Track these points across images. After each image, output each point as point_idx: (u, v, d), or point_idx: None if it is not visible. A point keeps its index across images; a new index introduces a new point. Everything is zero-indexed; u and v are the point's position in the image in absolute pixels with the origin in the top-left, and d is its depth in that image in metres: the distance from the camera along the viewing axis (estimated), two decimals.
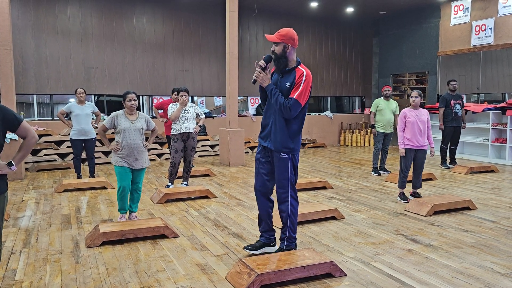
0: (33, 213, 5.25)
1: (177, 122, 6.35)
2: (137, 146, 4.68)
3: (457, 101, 8.38)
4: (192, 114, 6.46)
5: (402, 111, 5.78)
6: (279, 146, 3.60)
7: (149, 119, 4.91)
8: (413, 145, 5.65)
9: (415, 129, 5.62)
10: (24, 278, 3.35)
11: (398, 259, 3.73)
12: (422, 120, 5.65)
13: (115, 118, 4.70)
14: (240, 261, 3.30)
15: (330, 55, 13.37)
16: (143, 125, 4.77)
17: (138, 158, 4.70)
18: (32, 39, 9.39)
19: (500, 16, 9.90)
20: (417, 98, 5.67)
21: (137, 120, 4.75)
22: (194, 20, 11.11)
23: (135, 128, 4.69)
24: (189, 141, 6.45)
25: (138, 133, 4.70)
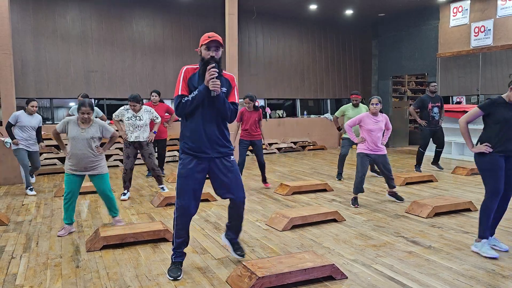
0: (33, 217, 5.25)
1: (127, 129, 6.08)
2: (85, 156, 4.45)
3: (435, 104, 8.03)
4: (145, 121, 6.14)
5: (362, 115, 5.69)
6: (227, 150, 3.45)
7: (105, 126, 4.62)
8: (370, 151, 5.62)
9: (372, 136, 5.57)
10: (24, 283, 3.34)
11: (399, 261, 3.72)
12: (380, 127, 5.62)
13: (66, 124, 4.48)
14: (240, 264, 3.30)
15: (329, 58, 13.39)
16: (94, 134, 4.50)
17: (88, 168, 4.50)
18: (32, 43, 9.40)
19: (499, 18, 9.91)
20: (377, 105, 5.58)
21: (89, 129, 4.48)
22: (193, 23, 11.13)
23: (84, 137, 4.44)
24: (143, 149, 6.17)
25: (86, 142, 4.45)
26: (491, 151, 3.79)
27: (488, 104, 3.83)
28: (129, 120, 6.09)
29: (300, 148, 12.24)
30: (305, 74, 12.96)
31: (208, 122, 3.32)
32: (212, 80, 3.18)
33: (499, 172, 3.79)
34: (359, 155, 5.69)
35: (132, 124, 6.08)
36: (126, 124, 6.11)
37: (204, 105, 3.28)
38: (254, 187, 7.06)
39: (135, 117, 6.10)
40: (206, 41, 3.28)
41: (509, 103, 3.79)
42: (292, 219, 4.67)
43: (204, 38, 3.32)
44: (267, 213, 5.38)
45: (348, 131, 5.79)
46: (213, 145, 3.36)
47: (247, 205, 5.79)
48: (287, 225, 4.63)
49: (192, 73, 3.34)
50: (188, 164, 3.35)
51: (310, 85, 13.06)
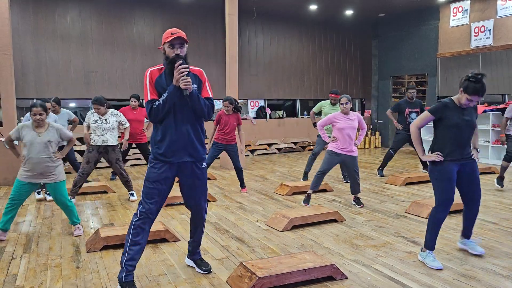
0: (33, 218, 5.25)
1: (93, 132, 5.85)
2: (42, 161, 4.27)
3: (413, 109, 7.87)
4: (112, 124, 5.92)
5: (333, 114, 5.56)
6: (203, 154, 3.30)
7: (62, 130, 4.45)
8: (340, 150, 5.46)
9: (344, 134, 5.40)
10: (24, 283, 3.34)
11: (399, 261, 3.72)
12: (353, 125, 5.44)
13: (20, 129, 4.31)
14: (241, 265, 3.29)
15: (329, 58, 13.39)
16: (51, 138, 4.33)
17: (44, 174, 4.32)
18: (32, 43, 9.40)
19: (499, 18, 9.91)
20: (347, 104, 5.42)
21: (45, 133, 4.31)
22: (193, 23, 11.13)
23: (41, 141, 4.26)
24: (109, 154, 5.93)
25: (44, 146, 4.27)
26: (444, 160, 3.56)
27: (439, 108, 3.57)
28: (95, 123, 5.85)
29: (300, 149, 12.24)
30: (305, 74, 12.96)
31: (181, 124, 3.12)
32: (182, 78, 2.99)
33: (450, 182, 3.59)
34: (328, 152, 5.54)
35: (99, 127, 5.83)
36: (93, 128, 5.87)
37: (175, 106, 3.09)
38: (254, 187, 7.06)
39: (101, 120, 5.88)
40: (170, 39, 3.07)
41: (460, 107, 3.56)
42: (292, 219, 4.67)
43: (166, 36, 3.10)
44: (267, 213, 5.38)
45: (320, 130, 5.66)
46: (186, 148, 3.17)
47: (248, 205, 5.80)
48: (287, 225, 4.63)
49: (157, 74, 3.12)
50: (158, 169, 3.14)
51: (310, 85, 13.06)
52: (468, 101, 3.50)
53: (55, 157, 4.39)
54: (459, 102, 3.56)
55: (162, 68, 3.16)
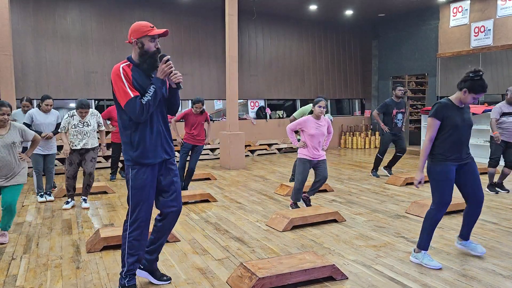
0: (33, 219, 5.25)
1: (74, 137, 5.51)
2: (7, 163, 4.13)
3: (400, 109, 7.61)
4: (93, 126, 5.63)
5: (304, 118, 5.29)
6: (173, 150, 3.21)
7: (25, 129, 4.34)
8: (311, 157, 5.25)
9: (313, 141, 5.21)
10: (25, 284, 3.34)
11: (400, 261, 3.72)
12: (322, 132, 5.25)
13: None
14: (241, 265, 3.29)
15: (329, 58, 13.39)
16: (15, 139, 4.21)
17: (8, 176, 4.19)
18: (32, 44, 9.40)
19: (499, 18, 9.91)
20: (324, 109, 5.19)
21: (8, 134, 4.18)
22: (193, 24, 11.13)
23: (4, 143, 4.13)
24: (88, 153, 5.62)
25: (7, 148, 4.15)
26: (444, 160, 3.56)
27: (439, 110, 3.52)
28: (76, 128, 5.52)
29: None
30: (305, 74, 12.96)
31: (156, 122, 3.00)
32: (173, 73, 2.93)
33: (449, 183, 3.58)
34: (300, 161, 5.29)
35: (80, 131, 5.52)
36: (73, 132, 5.52)
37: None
38: (254, 187, 7.06)
39: (83, 123, 5.56)
40: (152, 32, 2.91)
41: (458, 106, 3.55)
42: (292, 219, 4.67)
43: (146, 28, 2.91)
44: (267, 213, 5.38)
45: (289, 134, 5.35)
46: (163, 145, 3.05)
47: (248, 206, 5.81)
48: (287, 225, 4.63)
49: (129, 71, 2.92)
50: (143, 174, 2.97)
51: (310, 85, 13.06)
52: (473, 100, 3.51)
53: (20, 158, 4.26)
54: (459, 102, 3.55)
55: (130, 64, 2.97)
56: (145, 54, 2.93)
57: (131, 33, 2.95)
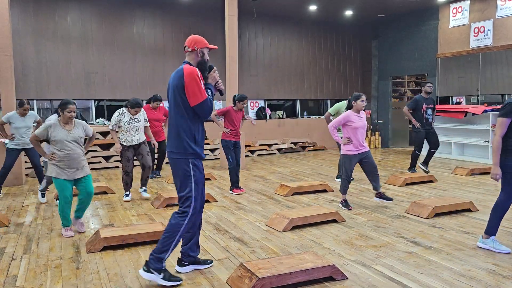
0: (33, 219, 5.25)
1: (126, 133, 6.01)
2: (76, 156, 4.47)
3: (429, 105, 7.86)
4: (142, 122, 6.14)
5: (346, 113, 5.49)
6: None
7: (86, 126, 4.67)
8: (357, 151, 5.43)
9: (357, 134, 5.39)
10: (25, 284, 3.34)
11: (399, 261, 3.72)
12: (364, 123, 5.46)
13: (49, 128, 4.43)
14: (241, 265, 3.30)
15: (329, 58, 13.39)
16: (80, 134, 4.55)
17: (79, 168, 4.51)
18: (32, 44, 9.41)
19: (499, 18, 9.92)
20: (366, 102, 5.48)
21: (74, 129, 4.51)
22: (193, 24, 11.13)
23: (72, 138, 4.46)
24: (141, 147, 6.11)
25: (75, 143, 4.48)
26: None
27: (510, 109, 3.72)
28: (128, 125, 6.01)
29: (300, 149, 12.24)
30: (305, 74, 12.97)
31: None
32: (219, 81, 3.42)
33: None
34: (346, 157, 5.46)
35: (132, 127, 6.03)
36: (126, 129, 6.00)
37: None
38: (254, 187, 7.06)
39: (133, 120, 6.06)
40: (210, 46, 3.42)
41: None
42: (292, 219, 4.67)
43: (206, 41, 3.41)
44: (267, 213, 5.39)
45: (332, 131, 5.54)
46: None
47: (247, 206, 5.81)
48: (287, 225, 4.63)
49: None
50: (201, 169, 3.38)
51: (310, 85, 13.07)
52: None
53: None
54: None
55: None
56: (203, 62, 3.37)
57: (195, 43, 3.37)
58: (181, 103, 3.26)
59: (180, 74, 3.27)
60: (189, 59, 3.39)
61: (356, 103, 5.46)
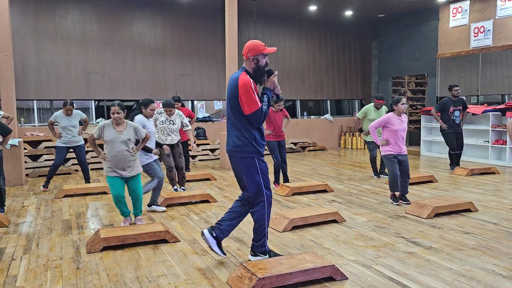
0: (33, 219, 5.25)
1: (162, 133, 6.22)
2: (123, 157, 4.63)
3: (457, 107, 8.18)
4: (178, 126, 6.33)
5: (388, 115, 5.73)
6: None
7: (138, 128, 4.82)
8: (396, 152, 5.68)
9: (397, 136, 5.62)
10: (25, 284, 3.34)
11: (399, 262, 3.72)
12: (404, 127, 5.67)
13: (102, 128, 4.66)
14: (241, 266, 3.30)
15: (329, 59, 13.40)
16: (130, 136, 4.69)
17: (126, 168, 4.67)
18: (32, 44, 9.41)
19: (499, 18, 9.92)
20: (407, 105, 5.67)
21: (124, 131, 4.67)
22: (193, 24, 11.14)
23: (121, 140, 4.61)
24: (174, 149, 6.33)
25: (124, 144, 4.63)
26: None
27: None
28: (163, 125, 6.20)
29: (300, 149, 12.24)
30: (305, 75, 12.97)
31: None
32: (277, 85, 3.57)
33: None
34: (386, 158, 5.71)
35: (167, 128, 6.21)
36: (160, 128, 6.19)
37: None
38: None
39: (169, 121, 6.23)
40: (266, 51, 3.52)
41: None
42: (292, 220, 4.67)
43: (261, 47, 3.52)
44: None
45: (372, 132, 5.82)
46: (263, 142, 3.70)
47: None
48: (287, 226, 4.63)
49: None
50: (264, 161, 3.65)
51: (310, 85, 13.07)
52: None
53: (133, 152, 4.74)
54: None
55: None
56: (258, 69, 3.53)
57: (248, 51, 3.53)
58: (237, 109, 3.50)
59: (235, 83, 3.47)
60: (246, 66, 3.59)
61: (397, 106, 5.66)
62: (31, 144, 8.74)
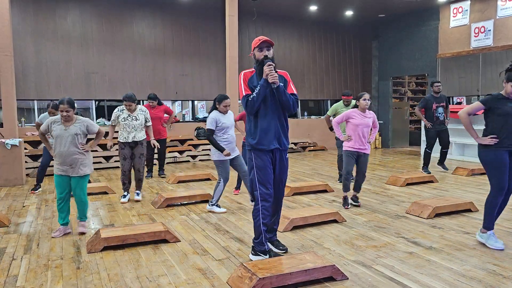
0: (34, 219, 5.25)
1: (123, 130, 5.97)
2: (70, 154, 4.41)
3: (440, 104, 7.95)
4: (141, 121, 6.03)
5: (349, 110, 5.61)
6: (287, 144, 3.80)
7: (90, 123, 4.56)
8: (356, 148, 5.53)
9: (358, 131, 5.46)
10: (25, 284, 3.34)
11: (400, 262, 3.72)
12: (367, 123, 5.51)
13: (50, 123, 4.49)
14: (241, 266, 3.30)
15: (330, 59, 13.40)
16: (78, 131, 4.46)
17: (73, 166, 4.46)
18: (32, 44, 9.41)
19: (499, 18, 9.92)
20: (369, 101, 5.52)
21: (72, 126, 4.45)
22: (193, 24, 11.14)
23: (68, 134, 4.41)
24: (136, 147, 6.03)
25: (71, 139, 4.41)
26: (496, 146, 3.88)
27: (489, 99, 3.98)
28: (125, 121, 5.95)
29: (300, 149, 12.24)
30: (305, 74, 12.97)
31: (270, 116, 3.64)
32: (270, 74, 3.50)
33: (503, 168, 3.88)
34: (345, 153, 5.58)
35: (129, 124, 5.95)
36: (122, 125, 5.97)
37: (266, 101, 3.62)
38: None
39: (131, 117, 5.98)
40: (258, 43, 3.63)
41: (508, 98, 3.94)
42: (292, 220, 4.67)
43: (255, 42, 3.66)
44: None
45: (336, 127, 5.67)
46: (278, 137, 3.68)
47: (248, 206, 5.81)
48: (287, 226, 4.63)
49: (249, 76, 3.69)
50: (261, 157, 3.65)
51: (310, 85, 13.07)
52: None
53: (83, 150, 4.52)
54: (506, 93, 3.95)
55: (253, 71, 3.72)
56: (257, 62, 3.67)
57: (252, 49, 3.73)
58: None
59: None
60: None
61: (359, 102, 5.57)
62: (32, 144, 8.74)
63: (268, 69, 3.51)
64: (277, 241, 4.06)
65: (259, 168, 3.66)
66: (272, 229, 4.02)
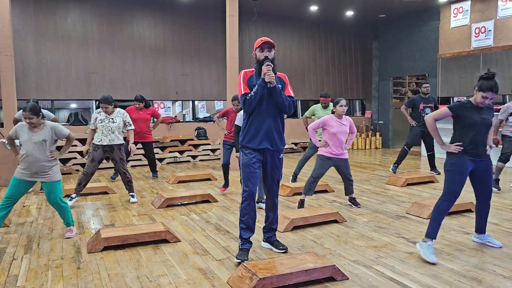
0: (34, 219, 5.25)
1: (100, 132, 5.83)
2: (36, 160, 4.25)
3: (427, 104, 7.91)
4: (119, 124, 5.91)
5: (326, 117, 5.42)
6: (280, 145, 3.83)
7: (58, 128, 4.39)
8: (333, 154, 5.40)
9: (335, 139, 5.34)
10: (25, 284, 3.34)
11: (400, 262, 3.72)
12: (345, 130, 5.38)
13: (18, 128, 4.34)
14: (241, 266, 3.30)
15: (330, 59, 13.39)
16: (46, 137, 4.29)
17: (39, 172, 4.30)
18: (33, 44, 9.41)
19: (500, 18, 9.92)
20: (346, 107, 5.36)
21: (40, 132, 4.29)
22: (194, 24, 11.14)
23: (36, 140, 4.25)
24: (114, 153, 5.91)
25: (38, 146, 4.25)
26: (461, 153, 3.78)
27: (457, 106, 3.87)
28: (102, 123, 5.83)
29: (301, 149, 12.24)
30: (305, 75, 12.97)
31: (265, 116, 3.70)
32: (267, 73, 3.57)
33: (462, 175, 3.76)
34: (319, 157, 5.44)
35: (106, 126, 5.82)
36: (99, 127, 5.84)
37: (262, 101, 3.68)
38: None
39: (108, 119, 5.87)
40: (260, 44, 3.72)
41: (477, 106, 3.83)
42: (293, 220, 4.67)
43: (257, 42, 3.74)
44: None
45: (311, 133, 5.53)
46: (270, 138, 3.73)
47: None
48: (288, 226, 4.63)
49: (249, 75, 3.78)
50: (248, 155, 3.75)
51: (310, 86, 13.07)
52: (483, 99, 3.78)
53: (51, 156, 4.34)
54: (475, 102, 3.84)
55: (253, 71, 3.80)
56: (257, 62, 3.75)
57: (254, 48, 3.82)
58: None
59: None
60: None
61: (335, 108, 5.42)
62: None
63: (266, 68, 3.59)
64: (277, 241, 4.06)
65: (244, 165, 3.76)
66: (271, 229, 4.06)
